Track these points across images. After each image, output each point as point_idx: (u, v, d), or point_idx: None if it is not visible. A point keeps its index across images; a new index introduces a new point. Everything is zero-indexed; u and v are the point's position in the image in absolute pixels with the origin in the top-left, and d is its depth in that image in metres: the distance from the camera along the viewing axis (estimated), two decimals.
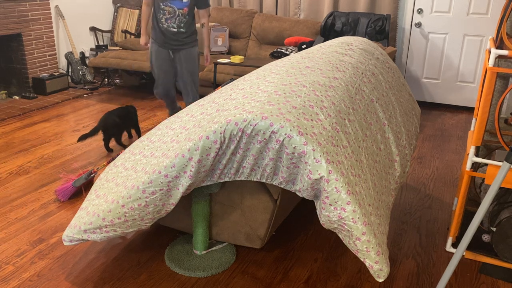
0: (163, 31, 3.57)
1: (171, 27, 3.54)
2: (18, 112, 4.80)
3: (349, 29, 5.01)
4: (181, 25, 3.57)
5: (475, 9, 4.75)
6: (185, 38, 3.66)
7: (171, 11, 3.48)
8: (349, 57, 2.48)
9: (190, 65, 3.74)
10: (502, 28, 2.25)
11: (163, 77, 3.78)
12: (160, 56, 3.68)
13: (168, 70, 3.76)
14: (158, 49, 3.68)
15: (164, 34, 3.59)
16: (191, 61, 3.74)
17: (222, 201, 2.34)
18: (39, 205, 2.94)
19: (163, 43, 3.63)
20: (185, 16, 3.56)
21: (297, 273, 2.30)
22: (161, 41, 3.62)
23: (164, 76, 3.77)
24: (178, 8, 3.48)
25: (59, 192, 2.99)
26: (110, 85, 5.99)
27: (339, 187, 1.74)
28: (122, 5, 6.40)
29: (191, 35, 3.70)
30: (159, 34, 3.61)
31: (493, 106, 2.56)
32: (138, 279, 2.24)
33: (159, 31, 3.60)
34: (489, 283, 2.25)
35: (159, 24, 3.57)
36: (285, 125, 1.76)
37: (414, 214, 2.89)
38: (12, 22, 5.01)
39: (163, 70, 3.74)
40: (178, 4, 3.48)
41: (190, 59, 3.72)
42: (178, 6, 3.48)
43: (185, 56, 3.70)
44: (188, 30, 3.64)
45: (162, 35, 3.60)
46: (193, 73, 3.79)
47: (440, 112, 5.08)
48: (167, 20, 3.52)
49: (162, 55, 3.68)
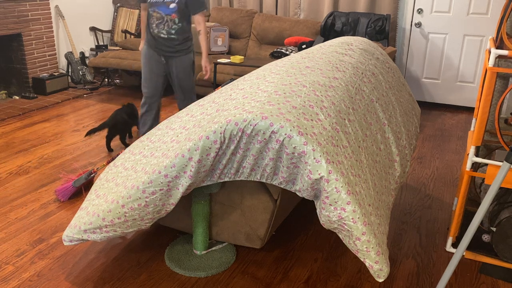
0: (154, 36, 3.48)
1: (161, 33, 3.44)
2: (18, 112, 4.80)
3: (349, 29, 5.01)
4: (171, 31, 3.45)
5: (475, 9, 4.75)
6: (178, 45, 3.53)
7: (159, 17, 3.40)
8: (349, 57, 2.48)
9: (182, 74, 3.61)
10: (502, 28, 2.25)
11: (155, 80, 3.64)
12: (153, 58, 3.56)
13: (159, 74, 3.63)
14: (150, 51, 3.56)
15: (155, 39, 3.49)
16: (183, 70, 3.59)
17: (222, 201, 2.34)
18: (39, 205, 2.94)
19: (155, 48, 3.53)
20: (175, 22, 3.43)
21: (297, 273, 2.30)
22: (154, 46, 3.53)
23: (156, 79, 3.63)
24: (165, 14, 3.38)
25: (59, 192, 2.99)
26: (110, 85, 5.99)
27: (339, 187, 1.74)
28: (122, 5, 6.40)
29: (184, 42, 3.55)
30: (151, 39, 3.51)
31: (493, 106, 2.56)
32: (138, 279, 2.24)
33: (151, 36, 3.51)
34: (489, 283, 2.25)
35: (150, 29, 3.48)
36: (285, 125, 1.76)
37: (414, 214, 2.89)
38: (12, 22, 5.01)
39: (155, 73, 3.59)
40: (165, 10, 3.38)
41: (182, 68, 3.59)
42: (165, 12, 3.38)
43: (177, 64, 3.58)
44: (180, 37, 3.50)
45: (154, 40, 3.50)
46: (185, 81, 3.63)
47: (440, 112, 5.08)
48: (157, 25, 3.44)
49: (154, 58, 3.56)
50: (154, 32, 3.47)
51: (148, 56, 3.59)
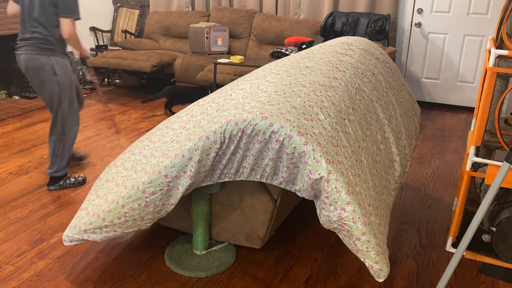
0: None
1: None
2: (18, 112, 4.80)
3: (349, 29, 5.01)
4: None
5: (475, 9, 4.75)
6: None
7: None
8: (349, 57, 2.48)
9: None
10: (502, 28, 2.25)
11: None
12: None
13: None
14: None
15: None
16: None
17: (222, 201, 2.34)
18: (39, 205, 2.94)
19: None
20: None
21: (297, 273, 2.30)
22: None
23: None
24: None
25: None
26: (110, 85, 5.99)
27: (339, 187, 1.74)
28: (122, 5, 6.40)
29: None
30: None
31: (493, 106, 2.56)
32: (138, 279, 2.24)
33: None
34: (489, 283, 2.25)
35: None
36: (285, 125, 1.76)
37: (414, 214, 2.89)
38: (12, 22, 5.01)
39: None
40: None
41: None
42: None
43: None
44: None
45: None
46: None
47: (440, 112, 5.08)
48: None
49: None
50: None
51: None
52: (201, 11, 5.95)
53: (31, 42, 2.88)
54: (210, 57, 5.32)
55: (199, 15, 5.87)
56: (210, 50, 5.43)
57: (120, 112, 4.92)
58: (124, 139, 4.07)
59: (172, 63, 5.39)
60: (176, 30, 5.96)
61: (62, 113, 3.02)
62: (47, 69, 2.90)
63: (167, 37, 6.10)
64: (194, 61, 5.22)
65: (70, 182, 3.18)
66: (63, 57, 2.97)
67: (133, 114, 4.84)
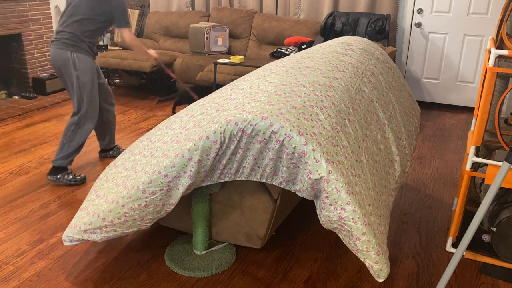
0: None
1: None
2: (18, 112, 4.80)
3: (349, 29, 5.01)
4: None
5: (475, 9, 4.75)
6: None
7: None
8: (349, 57, 2.48)
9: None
10: (502, 28, 2.25)
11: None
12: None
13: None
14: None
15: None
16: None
17: (222, 201, 2.34)
18: (39, 205, 2.94)
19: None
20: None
21: (297, 273, 2.30)
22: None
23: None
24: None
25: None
26: (110, 85, 5.99)
27: (339, 187, 1.74)
28: None
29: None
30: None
31: (493, 106, 2.56)
32: (138, 279, 2.24)
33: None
34: (489, 283, 2.25)
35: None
36: (285, 125, 1.76)
37: (414, 214, 2.89)
38: (12, 22, 5.01)
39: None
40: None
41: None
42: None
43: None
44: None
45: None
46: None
47: (440, 112, 5.08)
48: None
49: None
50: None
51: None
52: (201, 11, 5.95)
53: (60, 37, 3.09)
54: (210, 57, 5.32)
55: (199, 15, 5.87)
56: (210, 50, 5.43)
57: (120, 112, 4.92)
58: (124, 139, 4.07)
59: (172, 63, 5.39)
60: (176, 30, 5.96)
61: (80, 106, 3.18)
62: (68, 63, 3.09)
63: (167, 37, 6.10)
64: (194, 61, 5.22)
65: (67, 179, 3.19)
66: (87, 55, 3.14)
67: (133, 114, 4.85)
